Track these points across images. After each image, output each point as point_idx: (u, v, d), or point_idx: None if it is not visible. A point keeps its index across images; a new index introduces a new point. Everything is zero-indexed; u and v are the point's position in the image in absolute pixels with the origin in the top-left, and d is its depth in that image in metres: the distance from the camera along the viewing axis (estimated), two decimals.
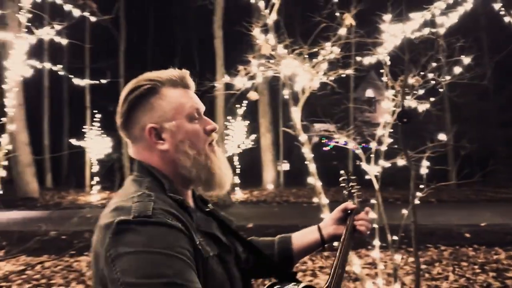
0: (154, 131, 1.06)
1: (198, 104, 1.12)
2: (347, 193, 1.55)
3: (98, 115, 15.83)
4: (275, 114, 18.52)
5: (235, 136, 15.88)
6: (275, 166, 18.29)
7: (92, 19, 5.42)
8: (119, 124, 1.11)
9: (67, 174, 21.78)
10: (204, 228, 1.03)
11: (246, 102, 15.17)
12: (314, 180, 3.33)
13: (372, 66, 3.94)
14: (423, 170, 3.41)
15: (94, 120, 16.04)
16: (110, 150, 17.13)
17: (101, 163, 16.22)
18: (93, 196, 14.55)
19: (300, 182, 16.46)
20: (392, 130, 3.43)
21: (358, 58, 3.67)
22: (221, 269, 1.02)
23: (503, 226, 7.80)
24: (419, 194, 3.26)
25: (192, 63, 24.25)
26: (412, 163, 3.13)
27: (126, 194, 0.99)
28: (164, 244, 0.88)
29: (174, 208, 0.98)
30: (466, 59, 3.47)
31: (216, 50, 12.23)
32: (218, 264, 1.01)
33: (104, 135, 16.42)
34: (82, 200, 14.38)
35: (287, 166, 21.15)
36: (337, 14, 3.58)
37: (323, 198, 3.26)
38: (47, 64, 5.19)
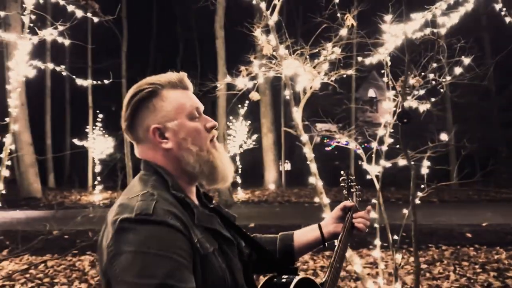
0: (158, 131, 1.12)
1: (198, 103, 1.18)
2: (346, 192, 1.60)
3: (101, 115, 15.91)
4: (276, 114, 18.53)
5: (237, 136, 15.92)
6: (277, 166, 18.30)
7: (94, 19, 5.44)
8: (124, 128, 1.16)
9: (70, 174, 21.82)
10: (206, 223, 1.08)
11: (247, 102, 15.23)
12: (315, 180, 3.34)
13: (374, 66, 3.96)
14: (424, 170, 3.42)
15: (96, 120, 16.10)
16: (112, 150, 17.20)
17: (103, 163, 16.26)
18: (95, 196, 14.59)
19: (301, 182, 16.48)
20: (393, 130, 3.44)
21: (360, 59, 3.69)
22: (221, 262, 1.06)
23: (504, 226, 7.81)
24: (419, 194, 3.27)
25: (194, 63, 24.27)
26: (412, 163, 3.14)
27: (132, 192, 1.06)
28: (161, 244, 0.94)
29: (175, 206, 1.03)
30: (467, 60, 3.48)
31: (217, 51, 12.23)
32: (218, 258, 1.06)
33: (106, 135, 16.49)
34: (85, 200, 14.43)
35: (289, 166, 21.18)
36: (338, 15, 3.60)
37: (324, 198, 3.27)
38: (50, 65, 5.20)
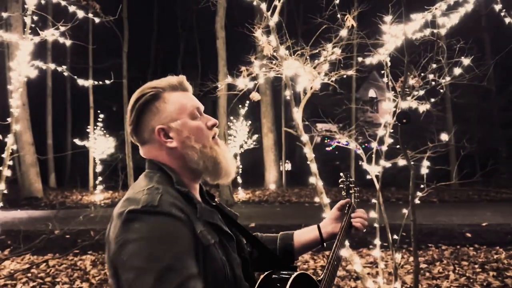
0: (162, 131, 1.18)
1: (198, 103, 1.24)
2: (345, 193, 1.63)
3: (102, 115, 15.93)
4: (277, 115, 18.54)
5: (238, 136, 15.94)
6: (277, 166, 18.32)
7: (96, 20, 5.46)
8: (130, 131, 1.22)
9: (71, 174, 21.83)
10: (207, 218, 1.12)
11: (248, 103, 15.25)
12: (315, 180, 3.36)
13: (374, 67, 3.98)
14: (424, 170, 3.43)
15: (97, 120, 16.12)
16: (113, 150, 17.23)
17: (104, 163, 16.28)
18: (96, 195, 14.63)
19: (302, 182, 16.51)
20: (392, 130, 3.46)
21: (360, 59, 3.71)
22: (221, 254, 1.10)
23: (504, 226, 7.82)
24: (419, 194, 3.29)
25: (195, 63, 24.30)
26: (412, 163, 3.15)
27: (138, 188, 1.11)
28: (167, 232, 0.99)
29: (179, 200, 1.08)
30: (466, 60, 3.49)
31: (218, 51, 12.24)
32: (218, 250, 1.10)
33: (107, 135, 16.51)
34: (86, 199, 14.45)
35: (289, 166, 21.20)
36: (338, 16, 3.61)
37: (324, 198, 3.28)
38: (51, 65, 5.21)
